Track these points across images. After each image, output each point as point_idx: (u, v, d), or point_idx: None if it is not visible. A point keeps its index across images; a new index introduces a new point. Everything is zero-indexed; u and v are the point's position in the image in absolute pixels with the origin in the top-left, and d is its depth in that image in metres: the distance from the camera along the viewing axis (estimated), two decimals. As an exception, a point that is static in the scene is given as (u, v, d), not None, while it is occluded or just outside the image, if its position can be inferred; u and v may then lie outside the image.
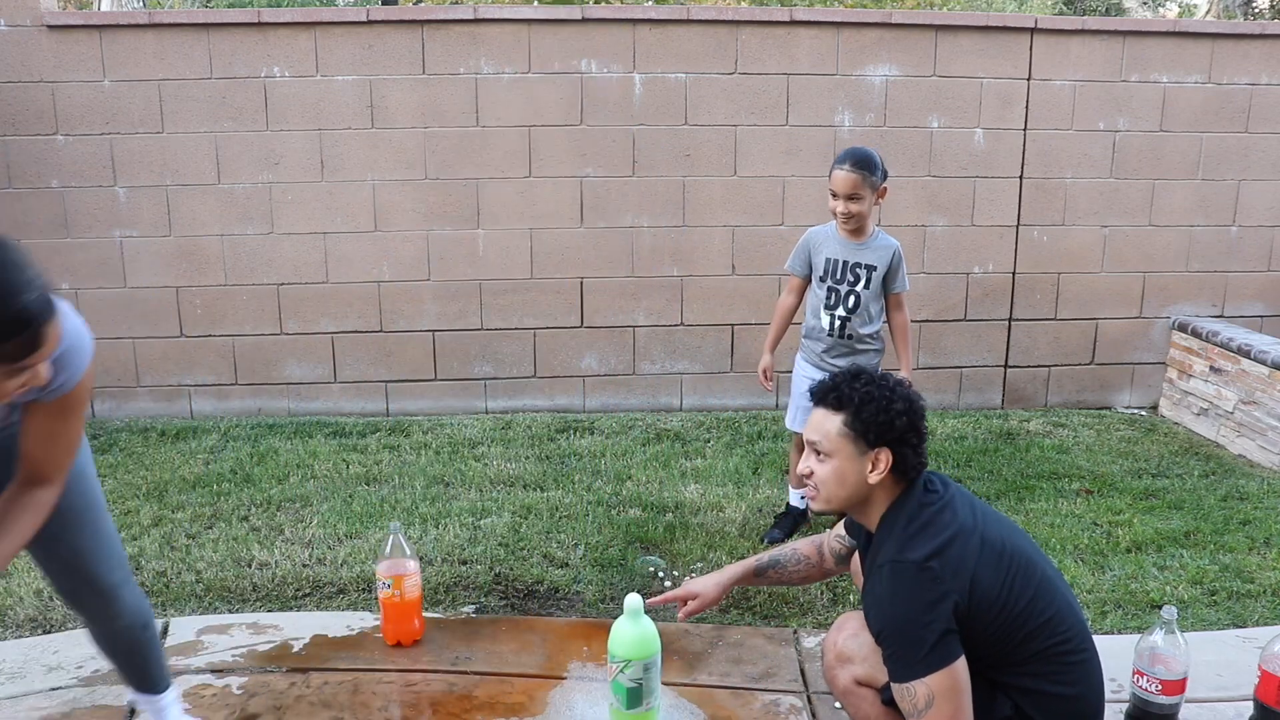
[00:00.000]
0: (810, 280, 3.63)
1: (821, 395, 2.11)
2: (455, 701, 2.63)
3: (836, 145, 5.20)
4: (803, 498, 3.63)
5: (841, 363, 3.55)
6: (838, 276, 3.51)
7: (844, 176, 3.37)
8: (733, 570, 2.51)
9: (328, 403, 5.31)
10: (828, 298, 3.54)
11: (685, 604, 2.48)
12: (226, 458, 4.55)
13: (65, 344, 1.77)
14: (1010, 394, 5.61)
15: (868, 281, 3.50)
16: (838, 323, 3.54)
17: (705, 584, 2.48)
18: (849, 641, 2.17)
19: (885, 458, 2.04)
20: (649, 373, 5.43)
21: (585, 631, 3.05)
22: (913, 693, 1.93)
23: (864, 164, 3.35)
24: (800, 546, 2.48)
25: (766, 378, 3.73)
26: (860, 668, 2.14)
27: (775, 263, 5.27)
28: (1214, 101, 5.32)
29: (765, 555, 2.50)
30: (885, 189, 3.44)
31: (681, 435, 4.96)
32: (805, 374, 3.63)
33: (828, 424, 2.08)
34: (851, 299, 3.52)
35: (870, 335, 3.58)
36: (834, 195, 3.42)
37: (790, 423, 3.76)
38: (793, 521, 3.77)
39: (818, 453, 2.10)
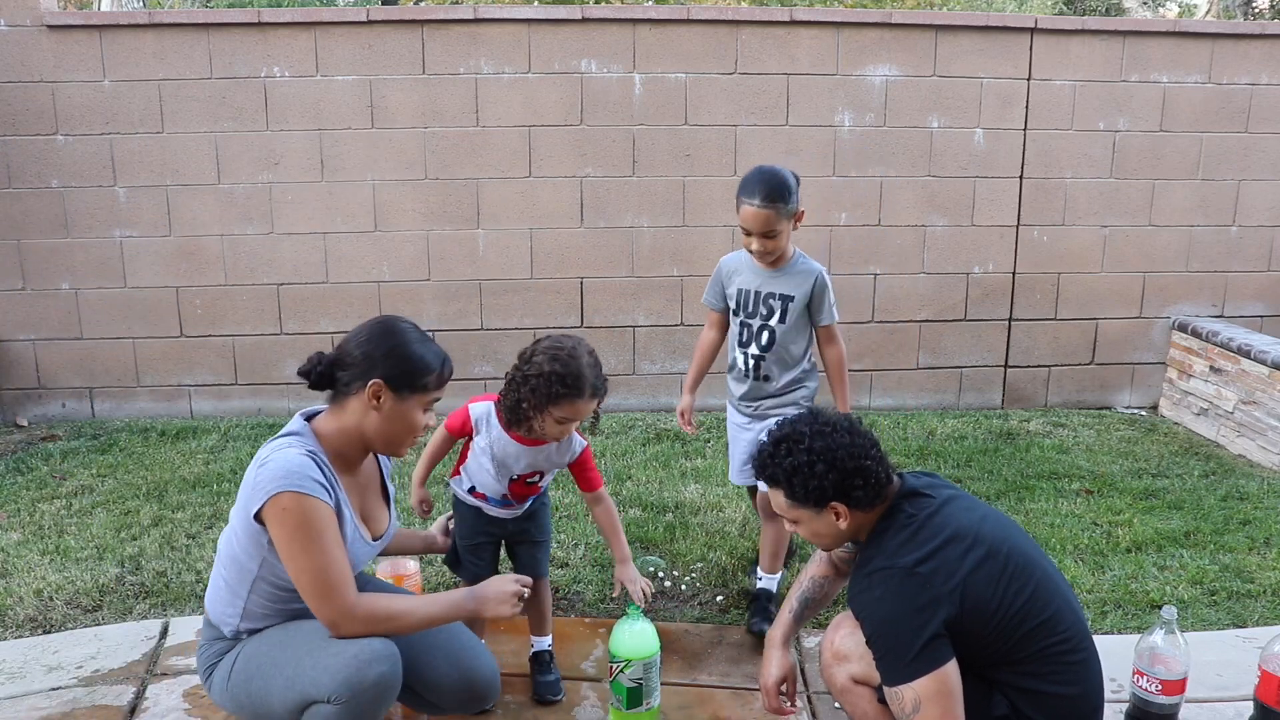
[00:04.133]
0: (720, 313, 3.18)
1: (758, 473, 2.15)
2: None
3: (837, 145, 5.21)
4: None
5: (764, 407, 3.05)
6: (749, 310, 3.02)
7: (755, 213, 2.83)
8: (780, 633, 2.41)
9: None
10: (740, 334, 3.06)
11: (781, 692, 2.34)
12: (226, 458, 4.55)
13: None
14: (1010, 394, 5.61)
15: (783, 315, 2.97)
16: (751, 362, 3.03)
17: (776, 664, 2.35)
18: (845, 640, 2.18)
19: (841, 509, 2.06)
20: (649, 373, 5.43)
21: (585, 631, 3.05)
22: (900, 697, 1.94)
23: (777, 195, 2.82)
24: (815, 571, 2.46)
25: (685, 420, 3.28)
26: (857, 666, 2.15)
27: (775, 263, 5.27)
28: (1214, 101, 5.32)
29: (793, 601, 2.45)
30: (803, 212, 2.93)
31: (681, 435, 4.96)
32: (733, 421, 3.20)
33: (777, 499, 2.13)
34: (765, 335, 3.00)
35: (792, 381, 3.04)
36: (746, 233, 2.90)
37: (732, 475, 3.31)
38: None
39: (788, 520, 2.16)
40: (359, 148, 5.05)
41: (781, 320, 2.98)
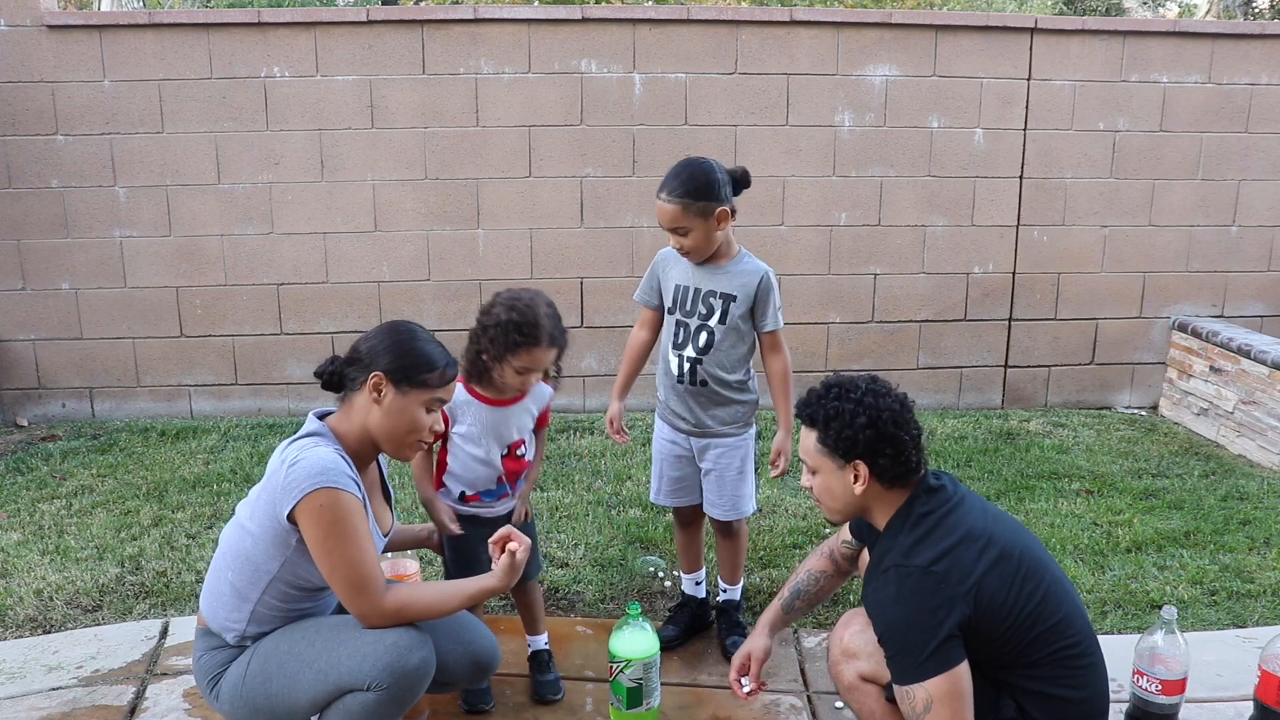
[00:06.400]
0: (655, 310, 2.93)
1: (799, 410, 2.15)
2: (451, 700, 2.63)
3: (837, 145, 5.20)
4: (698, 583, 3.11)
5: (701, 418, 2.84)
6: (686, 308, 2.79)
7: (661, 208, 2.66)
8: (766, 620, 2.44)
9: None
10: (676, 334, 2.81)
11: (746, 671, 2.38)
12: (226, 458, 4.55)
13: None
14: (1010, 394, 5.61)
15: (723, 315, 2.74)
16: (687, 365, 2.79)
17: (750, 644, 2.41)
18: (855, 638, 2.17)
19: (862, 470, 2.05)
20: (649, 373, 5.38)
21: (585, 631, 3.05)
22: (911, 696, 1.94)
23: (687, 190, 2.62)
24: (812, 565, 2.47)
25: (614, 429, 3.00)
26: (865, 663, 2.14)
27: (775, 263, 5.23)
28: (1214, 101, 5.32)
29: (784, 591, 2.47)
30: (726, 211, 2.68)
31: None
32: (661, 435, 2.96)
33: (807, 440, 2.12)
34: (703, 336, 2.76)
35: (735, 384, 2.81)
36: (663, 227, 2.71)
37: (655, 495, 3.03)
38: (691, 614, 3.06)
39: (808, 468, 2.14)
40: (359, 148, 5.05)
41: (721, 321, 2.75)
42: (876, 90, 5.18)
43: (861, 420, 2.02)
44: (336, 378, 2.17)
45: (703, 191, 2.64)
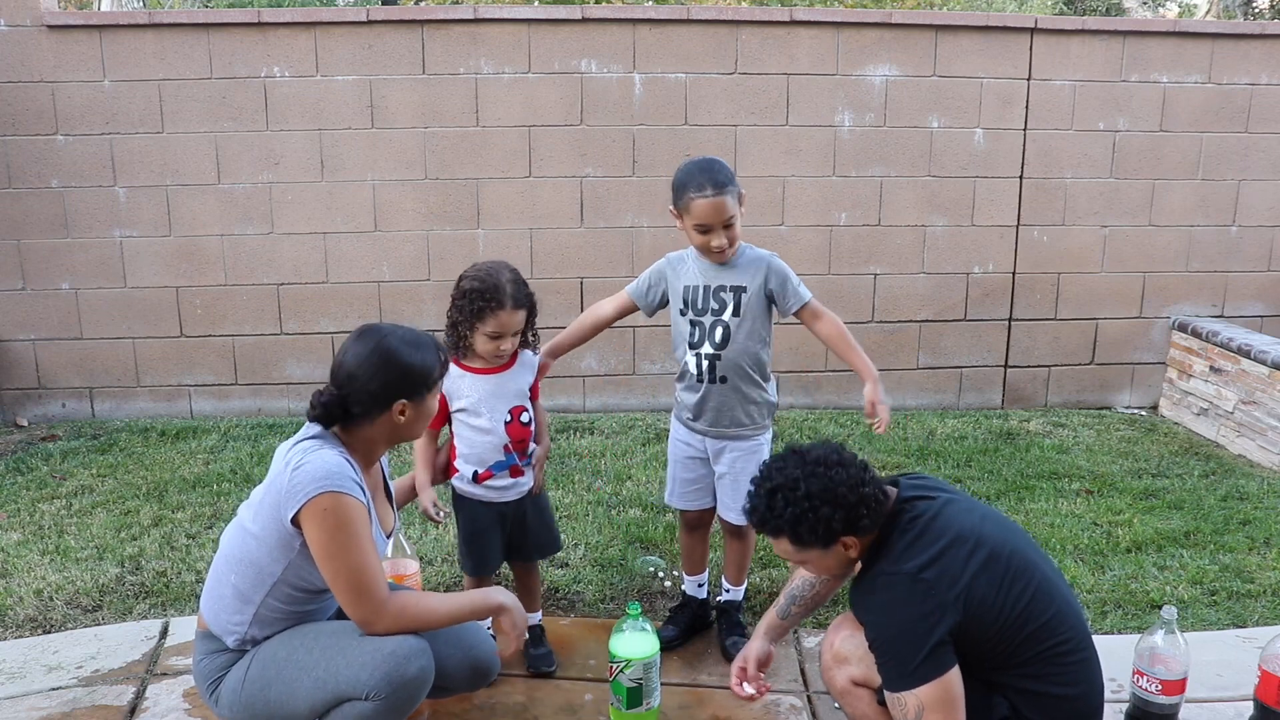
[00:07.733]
0: (637, 307, 2.98)
1: (758, 529, 2.11)
2: (454, 701, 2.63)
3: (837, 145, 5.20)
4: (700, 585, 3.09)
5: (718, 419, 2.82)
6: (699, 306, 2.79)
7: (712, 203, 2.61)
8: (762, 627, 2.45)
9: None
10: (691, 334, 2.81)
11: (746, 673, 2.39)
12: (226, 458, 4.55)
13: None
14: (1010, 394, 5.61)
15: (736, 307, 2.74)
16: (705, 363, 2.78)
17: (747, 649, 2.42)
18: (845, 642, 2.18)
19: (849, 540, 2.04)
20: (649, 373, 5.43)
21: (585, 631, 3.05)
22: (903, 703, 1.94)
23: (725, 179, 2.64)
24: (806, 571, 2.47)
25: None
26: (857, 668, 2.15)
27: (775, 263, 5.26)
28: (1214, 101, 5.32)
29: (780, 599, 2.47)
30: (743, 194, 2.73)
31: (681, 435, 4.96)
32: (679, 438, 2.94)
33: (782, 547, 2.09)
34: (719, 331, 2.76)
35: (756, 380, 2.81)
36: (705, 230, 2.66)
37: (669, 497, 3.04)
38: (691, 614, 3.05)
39: (795, 560, 2.14)
40: (359, 148, 5.05)
41: (735, 314, 2.74)
42: (876, 90, 5.18)
43: (825, 510, 1.99)
44: (337, 416, 2.12)
45: (733, 177, 2.69)
